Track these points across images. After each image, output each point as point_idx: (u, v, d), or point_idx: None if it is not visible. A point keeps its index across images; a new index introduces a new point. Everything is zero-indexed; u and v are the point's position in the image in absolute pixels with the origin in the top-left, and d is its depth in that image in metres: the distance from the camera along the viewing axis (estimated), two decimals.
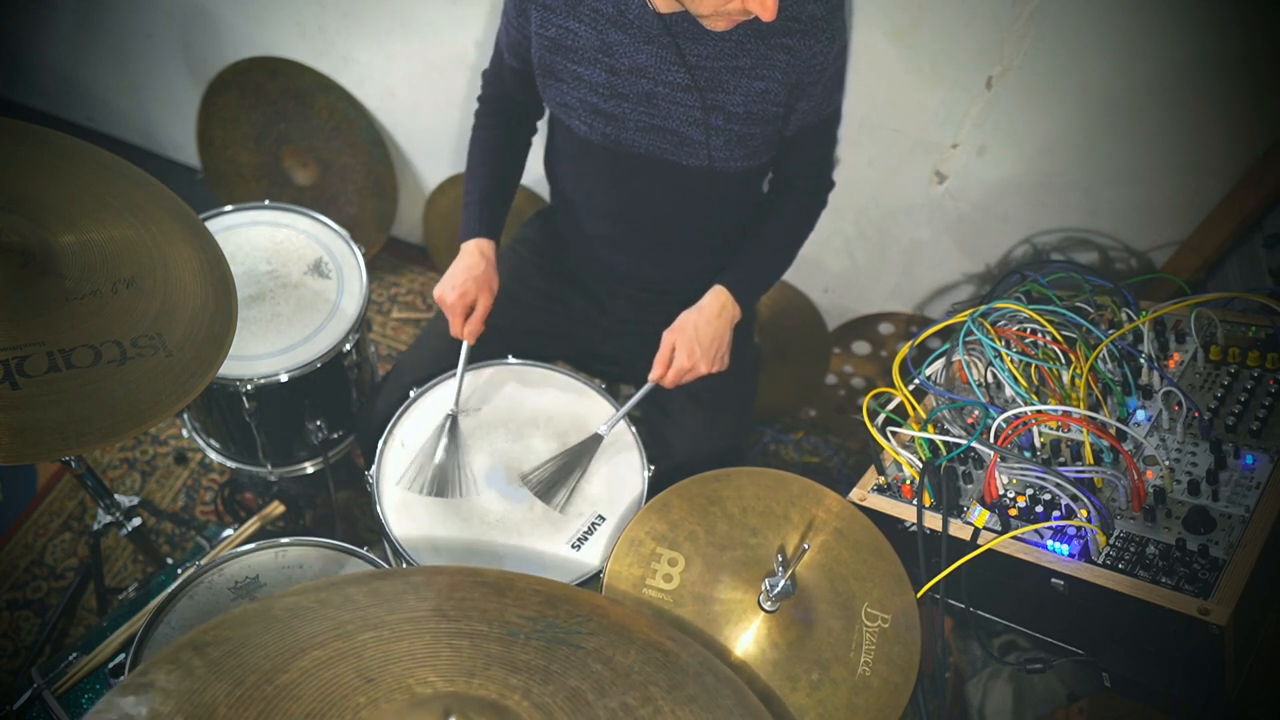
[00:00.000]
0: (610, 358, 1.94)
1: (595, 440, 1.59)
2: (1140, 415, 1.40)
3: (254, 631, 1.03)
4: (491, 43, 1.74)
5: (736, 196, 1.72)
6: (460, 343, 1.65)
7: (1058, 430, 1.38)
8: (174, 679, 0.95)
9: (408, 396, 1.64)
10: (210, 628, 1.03)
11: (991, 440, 1.36)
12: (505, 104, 1.79)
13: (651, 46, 1.49)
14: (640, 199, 1.70)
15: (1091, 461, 1.34)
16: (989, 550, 1.28)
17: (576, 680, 1.04)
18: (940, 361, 1.57)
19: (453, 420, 1.59)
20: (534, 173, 1.90)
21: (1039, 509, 1.32)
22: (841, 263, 2.37)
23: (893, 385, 1.51)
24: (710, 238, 1.77)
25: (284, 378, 1.73)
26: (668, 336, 1.63)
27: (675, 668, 1.11)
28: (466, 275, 1.66)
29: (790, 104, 1.54)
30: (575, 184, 1.78)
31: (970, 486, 1.41)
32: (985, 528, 1.33)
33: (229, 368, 1.70)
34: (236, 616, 1.06)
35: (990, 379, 1.51)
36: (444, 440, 1.57)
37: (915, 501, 1.38)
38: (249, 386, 1.73)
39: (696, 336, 1.62)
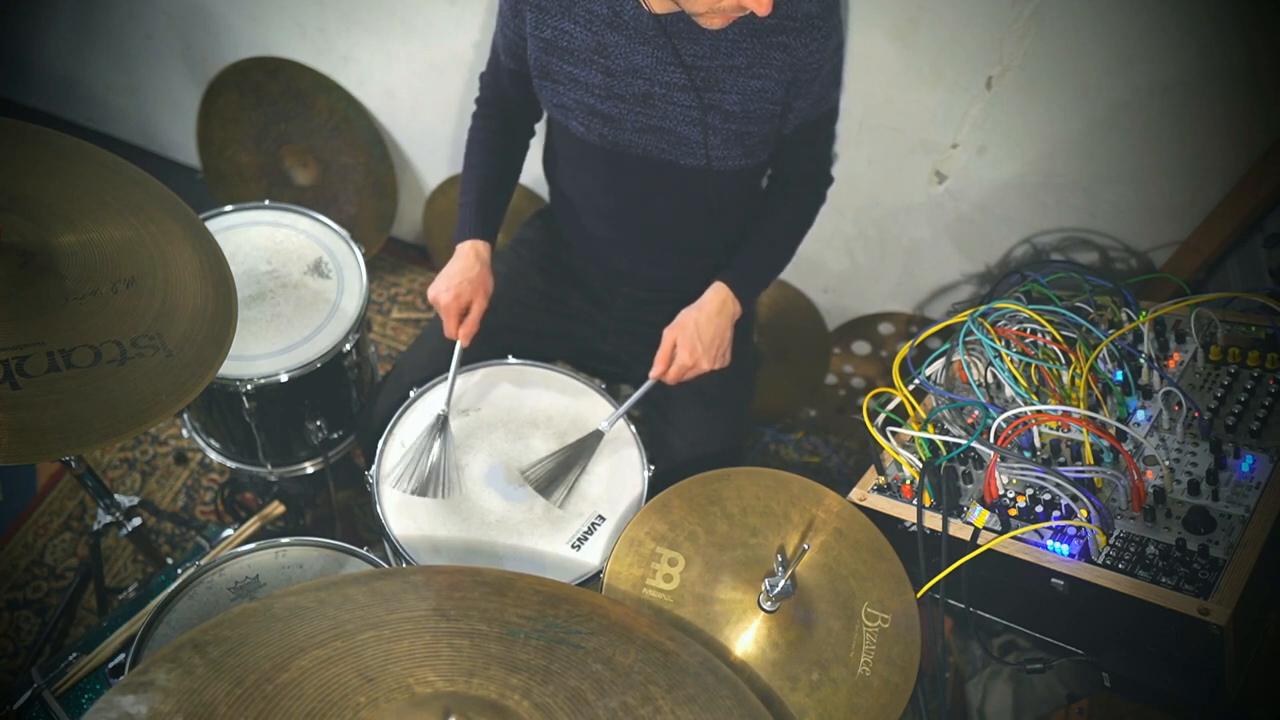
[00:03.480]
0: (610, 357, 1.94)
1: (596, 436, 1.59)
2: (1140, 415, 1.40)
3: (254, 631, 1.03)
4: (490, 43, 1.74)
5: (735, 195, 1.72)
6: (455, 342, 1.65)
7: (1058, 430, 1.38)
8: (174, 678, 0.95)
9: (408, 396, 1.63)
10: (210, 627, 1.03)
11: (991, 440, 1.36)
12: (502, 106, 1.78)
13: (647, 47, 1.49)
14: (639, 199, 1.70)
15: (1091, 461, 1.34)
16: (989, 550, 1.28)
17: (576, 680, 1.04)
18: (940, 361, 1.57)
19: (443, 420, 1.59)
20: (534, 173, 1.90)
21: (1039, 509, 1.32)
22: (841, 262, 2.37)
23: (893, 385, 1.51)
24: (709, 237, 1.77)
25: (284, 378, 1.73)
26: (669, 333, 1.63)
27: (675, 668, 1.11)
28: (461, 276, 1.66)
29: (787, 102, 1.54)
30: (574, 185, 1.78)
31: (970, 486, 1.41)
32: (985, 528, 1.32)
33: (229, 368, 1.70)
34: (236, 616, 1.06)
35: (990, 379, 1.51)
36: (434, 440, 1.57)
37: (915, 501, 1.38)
38: (249, 386, 1.73)
39: (698, 333, 1.62)
